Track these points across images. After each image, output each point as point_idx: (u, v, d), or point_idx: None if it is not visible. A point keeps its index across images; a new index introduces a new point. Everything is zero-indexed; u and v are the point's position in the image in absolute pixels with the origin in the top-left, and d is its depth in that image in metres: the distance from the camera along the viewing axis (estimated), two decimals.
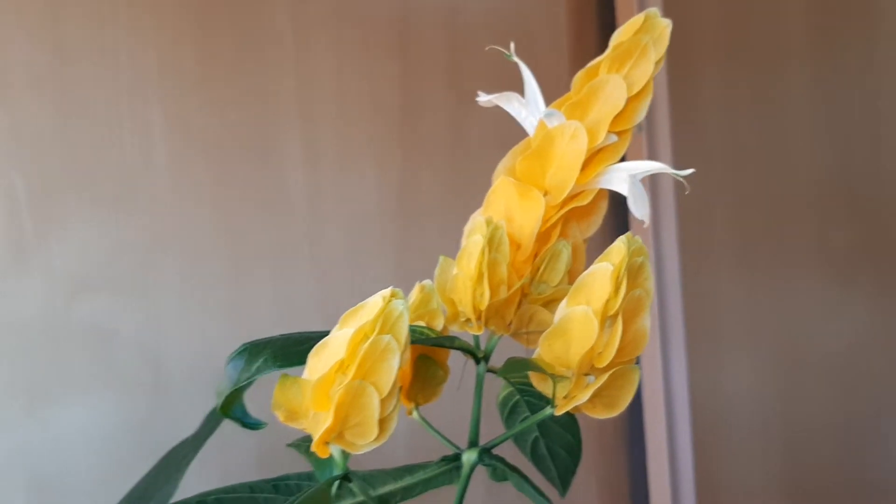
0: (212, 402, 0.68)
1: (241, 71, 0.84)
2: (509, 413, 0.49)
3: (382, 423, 0.35)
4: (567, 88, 0.43)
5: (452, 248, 0.44)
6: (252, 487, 0.44)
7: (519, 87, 0.45)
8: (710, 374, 1.03)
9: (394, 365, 0.34)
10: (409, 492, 0.44)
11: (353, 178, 0.89)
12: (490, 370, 0.44)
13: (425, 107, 0.93)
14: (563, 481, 0.51)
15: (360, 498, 0.43)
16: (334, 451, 0.36)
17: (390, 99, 0.91)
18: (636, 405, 1.00)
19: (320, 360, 0.35)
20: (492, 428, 0.45)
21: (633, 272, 0.37)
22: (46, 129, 0.77)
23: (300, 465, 0.48)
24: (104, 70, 0.79)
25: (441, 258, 0.43)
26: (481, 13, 0.96)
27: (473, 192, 0.94)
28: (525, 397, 0.48)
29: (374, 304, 0.34)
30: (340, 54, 0.89)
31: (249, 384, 0.39)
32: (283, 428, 0.41)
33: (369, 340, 0.34)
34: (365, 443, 0.35)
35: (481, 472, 0.44)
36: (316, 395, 0.34)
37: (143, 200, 0.80)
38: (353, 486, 0.37)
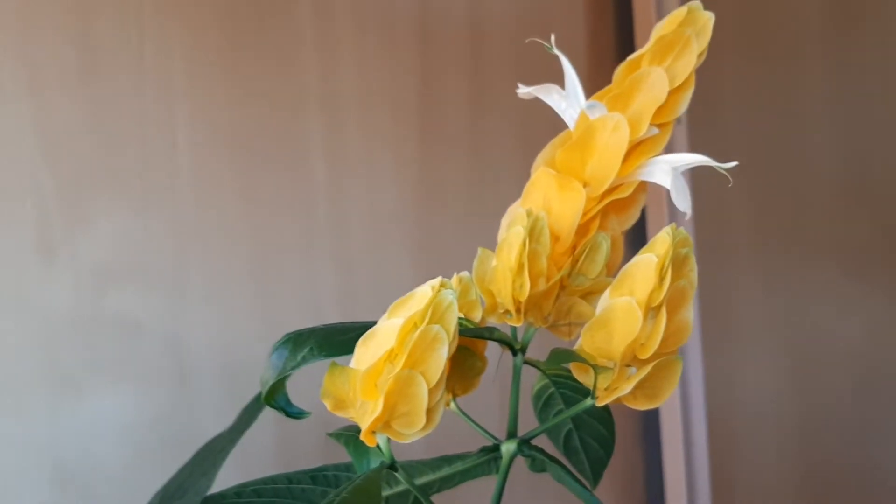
0: (235, 394, 0.69)
1: (264, 68, 0.85)
2: (543, 405, 0.49)
3: (430, 412, 0.35)
4: (584, 85, 0.43)
5: (471, 242, 0.44)
6: (290, 479, 0.44)
7: (539, 84, 0.45)
8: (725, 370, 1.03)
9: (443, 355, 0.34)
10: (447, 482, 0.44)
11: (375, 173, 0.89)
12: (525, 362, 0.44)
13: (445, 103, 0.93)
14: (595, 474, 0.51)
15: (400, 488, 0.43)
16: (380, 440, 0.36)
17: (411, 95, 0.91)
18: None
19: (369, 350, 0.34)
20: (522, 420, 0.45)
21: (677, 263, 0.37)
22: (73, 126, 0.77)
23: (315, 460, 0.48)
24: (130, 67, 0.79)
25: (480, 249, 0.43)
26: (500, 12, 0.96)
27: (493, 188, 0.94)
28: (560, 390, 0.48)
29: (423, 293, 0.34)
30: (362, 51, 0.89)
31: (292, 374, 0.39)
32: (301, 423, 0.41)
33: (419, 330, 0.33)
34: (412, 432, 0.35)
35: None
36: (364, 384, 0.34)
37: (169, 195, 0.80)
38: (399, 475, 0.37)
